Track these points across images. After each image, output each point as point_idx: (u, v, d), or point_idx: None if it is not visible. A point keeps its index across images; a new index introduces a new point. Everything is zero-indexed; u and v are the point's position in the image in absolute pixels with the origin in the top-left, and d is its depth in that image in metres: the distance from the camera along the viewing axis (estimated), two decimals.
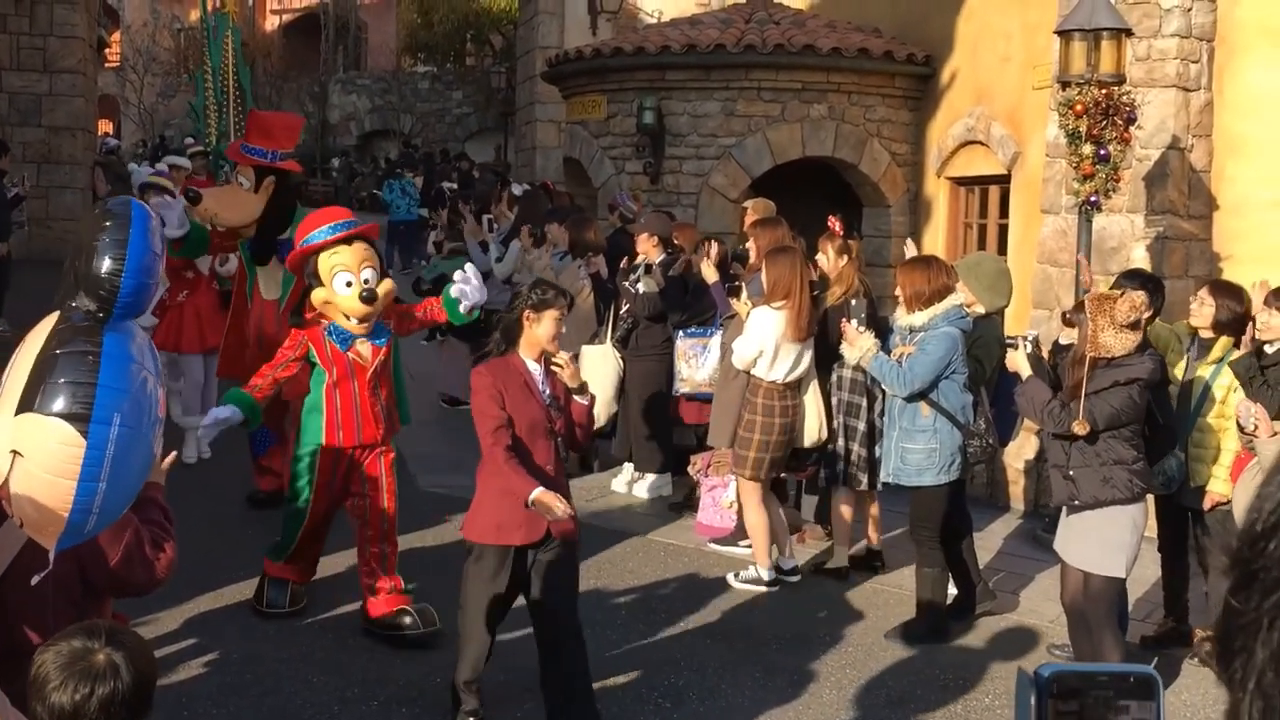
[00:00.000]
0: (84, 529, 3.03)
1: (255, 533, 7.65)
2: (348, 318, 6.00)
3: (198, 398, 9.21)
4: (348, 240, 6.00)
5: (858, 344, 6.63)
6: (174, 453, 3.85)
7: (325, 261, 5.94)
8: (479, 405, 5.14)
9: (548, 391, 5.23)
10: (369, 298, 5.91)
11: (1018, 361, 5.92)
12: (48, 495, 2.95)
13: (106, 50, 29.09)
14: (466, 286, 6.39)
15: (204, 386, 9.33)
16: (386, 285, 6.08)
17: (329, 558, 7.46)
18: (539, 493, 4.92)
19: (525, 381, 5.17)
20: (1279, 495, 0.74)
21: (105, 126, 34.57)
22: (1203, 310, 6.48)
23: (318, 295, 5.96)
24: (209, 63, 13.93)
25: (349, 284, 5.93)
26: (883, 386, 7.24)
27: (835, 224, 7.73)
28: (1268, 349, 6.12)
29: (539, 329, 5.17)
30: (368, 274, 5.96)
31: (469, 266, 6.61)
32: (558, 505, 4.92)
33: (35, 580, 3.16)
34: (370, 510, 6.23)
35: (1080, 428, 5.55)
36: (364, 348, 6.11)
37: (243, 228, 7.82)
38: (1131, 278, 6.21)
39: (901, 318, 6.73)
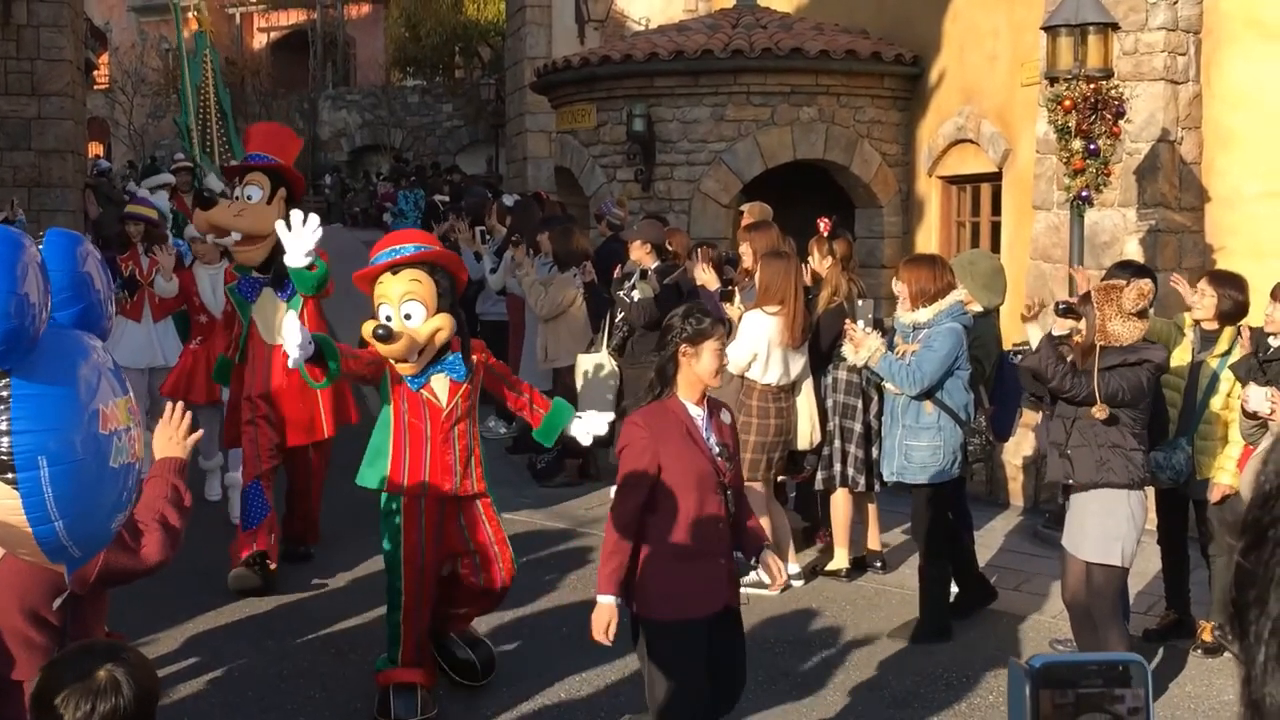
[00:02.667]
0: (74, 556, 3.01)
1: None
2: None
3: (213, 445, 8.66)
4: (395, 269, 5.18)
5: (865, 345, 6.60)
6: (200, 431, 3.79)
7: (375, 291, 5.22)
8: (626, 457, 4.45)
9: (713, 438, 4.51)
10: (382, 336, 5.01)
11: (1029, 331, 5.99)
12: (17, 543, 2.96)
13: (95, 73, 29.10)
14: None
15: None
16: (432, 325, 5.16)
17: (328, 576, 7.46)
18: (604, 603, 4.35)
19: (687, 429, 4.44)
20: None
21: (96, 149, 34.57)
22: (1204, 301, 6.46)
23: (365, 328, 5.15)
24: (190, 82, 13.89)
25: (389, 318, 5.14)
26: (880, 386, 7.25)
27: (823, 225, 7.74)
28: (1271, 341, 6.11)
29: (699, 365, 4.45)
30: (410, 308, 5.12)
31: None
32: (601, 632, 4.34)
33: (57, 603, 3.16)
34: (484, 574, 5.54)
35: (1100, 412, 5.55)
36: (440, 385, 5.31)
37: (257, 244, 6.98)
38: (1124, 268, 6.21)
39: (904, 315, 6.73)
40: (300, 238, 5.63)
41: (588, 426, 5.67)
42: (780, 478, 7.80)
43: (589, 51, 14.67)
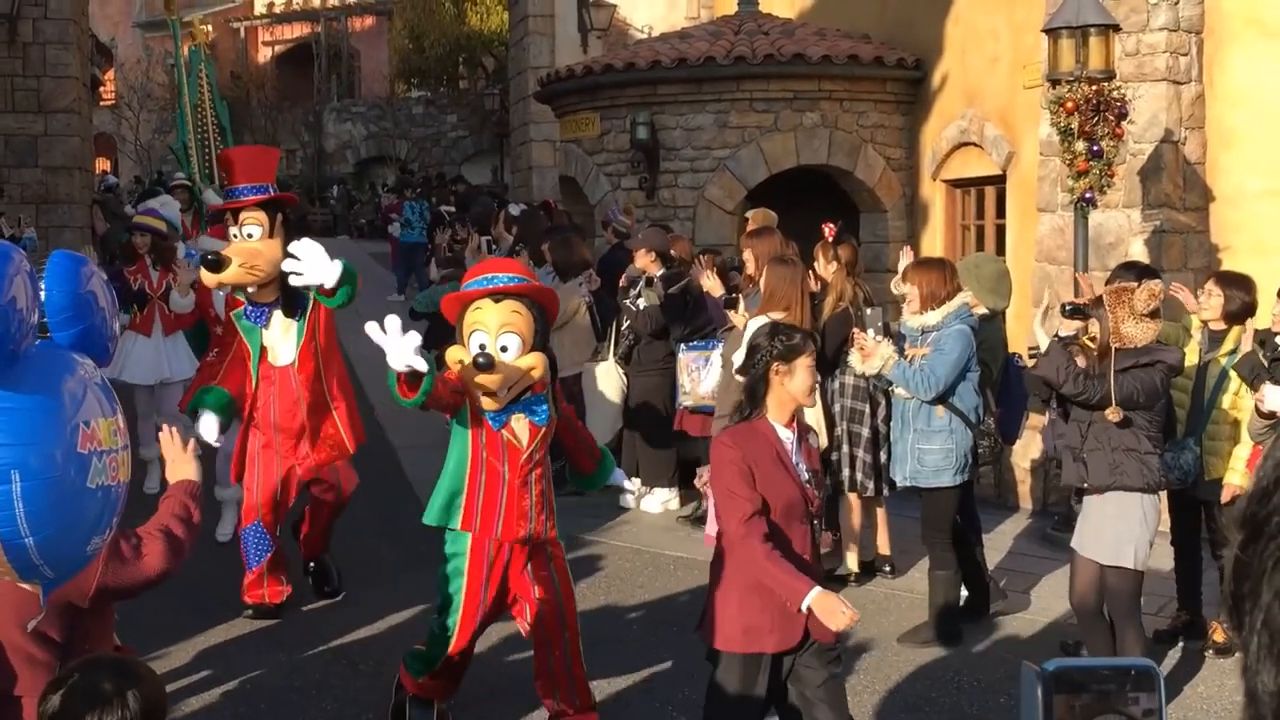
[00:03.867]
0: (47, 577, 3.01)
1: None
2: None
3: (228, 469, 7.75)
4: (497, 297, 4.87)
5: (877, 353, 6.59)
6: (192, 440, 3.82)
7: (468, 316, 4.88)
8: (726, 484, 4.18)
9: (802, 464, 4.29)
10: (484, 365, 4.64)
11: (1036, 334, 5.99)
12: None
13: (101, 89, 29.22)
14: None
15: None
16: (529, 360, 4.87)
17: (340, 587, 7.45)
18: (817, 595, 4.03)
19: (777, 453, 4.22)
20: None
21: (103, 165, 34.66)
22: (1211, 302, 6.45)
23: (452, 354, 4.91)
24: (189, 100, 13.87)
25: (483, 347, 4.81)
26: (888, 391, 7.26)
27: (828, 230, 7.76)
28: (1279, 340, 6.10)
29: (792, 383, 4.23)
30: (507, 340, 4.81)
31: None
32: (841, 612, 4.01)
33: (31, 625, 3.16)
34: (545, 625, 5.24)
35: (1114, 415, 5.55)
36: (520, 426, 5.00)
37: (271, 282, 6.65)
38: (1129, 269, 6.21)
39: (913, 319, 6.72)
40: (321, 269, 5.82)
41: (624, 482, 5.70)
42: None
43: (592, 60, 14.70)
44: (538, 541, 5.15)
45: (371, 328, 4.38)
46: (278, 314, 6.73)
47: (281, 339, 6.76)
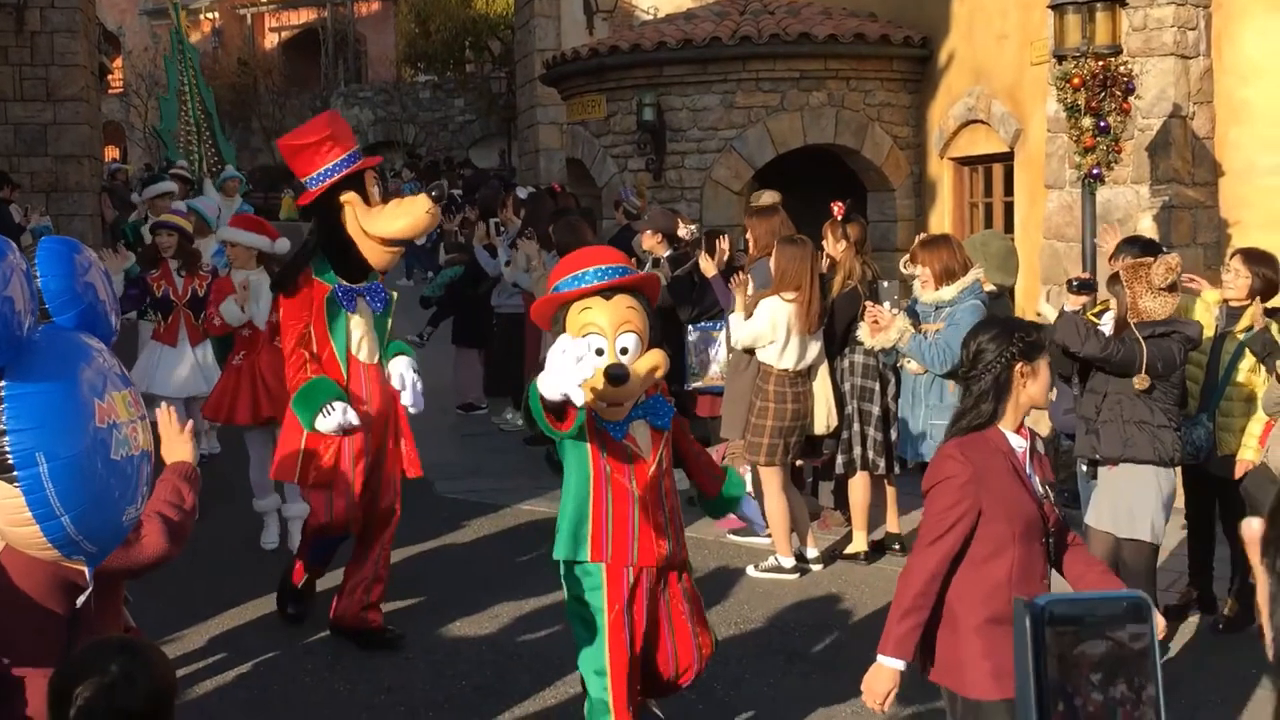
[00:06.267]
0: (90, 552, 3.06)
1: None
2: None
3: (264, 475, 7.43)
4: (605, 293, 4.30)
5: (894, 327, 6.60)
6: (190, 422, 3.83)
7: (575, 318, 4.25)
8: (941, 495, 3.68)
9: (1037, 476, 3.80)
10: (618, 376, 4.03)
11: (1042, 308, 5.98)
12: (27, 542, 3.03)
13: (109, 77, 29.22)
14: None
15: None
16: (650, 359, 4.29)
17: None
18: (886, 663, 3.68)
19: (1012, 465, 3.71)
20: None
21: (112, 153, 34.72)
22: (1238, 281, 6.38)
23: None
24: (178, 84, 13.80)
25: (600, 351, 4.15)
26: (897, 369, 7.27)
27: (836, 209, 7.76)
28: None
29: (1035, 385, 3.76)
30: (626, 340, 4.23)
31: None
32: (878, 698, 3.70)
33: (80, 601, 3.21)
34: (677, 664, 4.67)
35: (1141, 382, 5.55)
36: (641, 433, 4.41)
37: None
38: (1132, 244, 6.20)
39: (926, 295, 6.73)
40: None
41: (755, 516, 5.21)
42: (798, 462, 7.82)
43: (597, 42, 14.69)
44: (674, 564, 4.57)
45: (555, 348, 3.79)
46: (363, 302, 6.06)
47: (366, 332, 6.09)
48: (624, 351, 4.22)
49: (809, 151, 12.78)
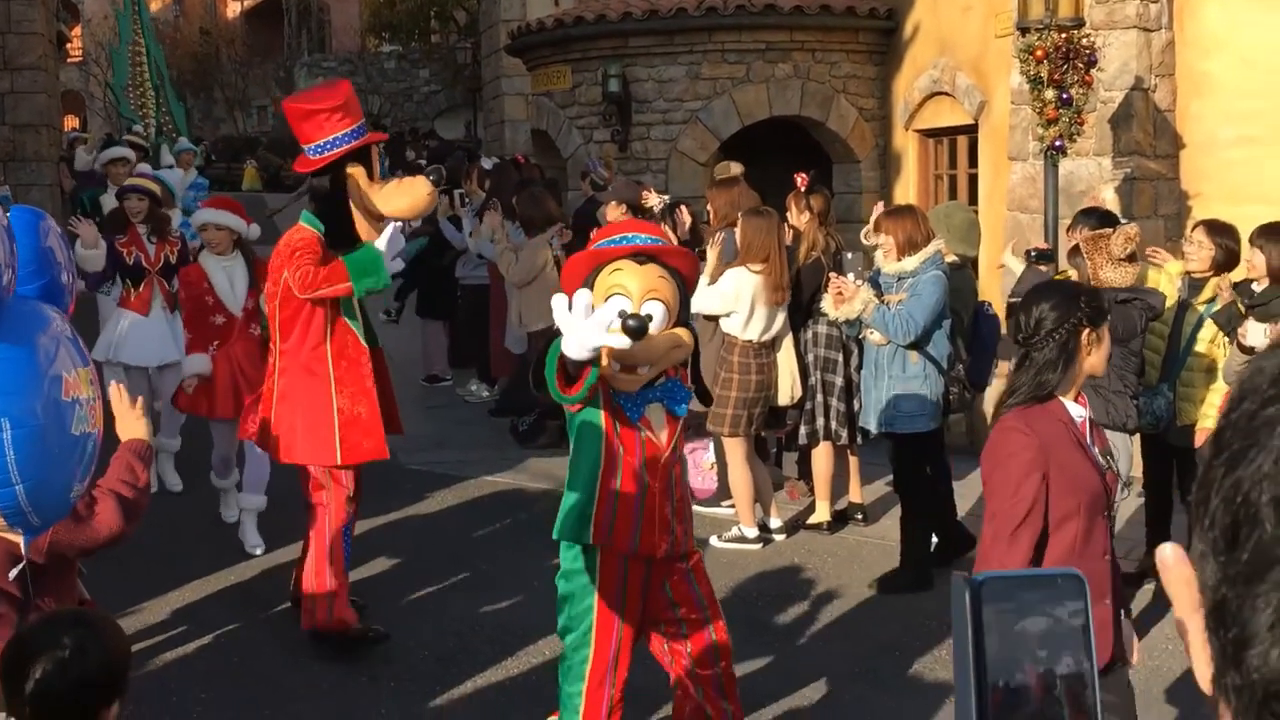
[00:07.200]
0: (33, 524, 3.04)
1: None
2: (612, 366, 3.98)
3: (230, 457, 7.45)
4: (640, 259, 4.15)
5: (858, 298, 6.62)
6: (140, 397, 3.77)
7: (604, 279, 4.13)
8: (1010, 474, 3.47)
9: (1097, 446, 3.65)
10: (636, 327, 3.77)
11: (1007, 260, 6.01)
12: None
13: (68, 45, 28.86)
14: None
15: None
16: (674, 334, 4.14)
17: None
18: None
19: (1075, 438, 3.55)
20: (1254, 369, 0.79)
21: (71, 122, 34.31)
22: (1200, 253, 6.40)
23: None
24: (130, 37, 13.53)
25: (622, 312, 3.90)
26: (860, 340, 7.29)
27: (800, 181, 7.77)
28: (1255, 287, 6.13)
29: (1099, 352, 3.62)
30: (652, 308, 4.05)
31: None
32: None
33: (13, 575, 3.17)
34: (691, 654, 4.43)
35: None
36: (657, 418, 4.23)
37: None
38: (1089, 215, 6.24)
39: (889, 265, 6.76)
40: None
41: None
42: (762, 433, 7.85)
43: (563, 12, 14.59)
44: (677, 555, 4.36)
45: (559, 303, 3.68)
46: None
47: (353, 303, 5.81)
48: (648, 317, 3.99)
49: (775, 123, 12.77)
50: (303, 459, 5.75)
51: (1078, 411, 3.59)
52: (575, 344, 3.62)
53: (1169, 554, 0.88)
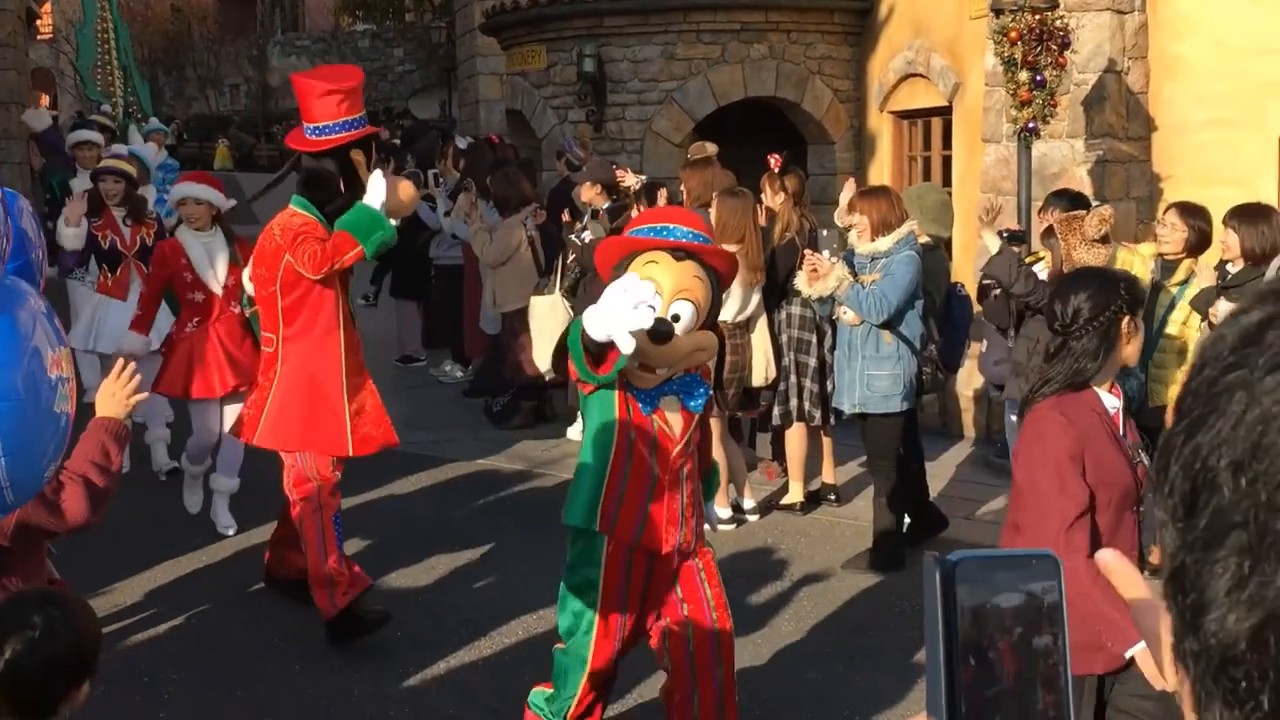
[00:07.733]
0: (7, 501, 3.02)
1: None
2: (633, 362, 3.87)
3: (206, 445, 7.07)
4: (678, 255, 4.01)
5: (832, 275, 6.62)
6: (144, 394, 3.74)
7: (638, 269, 3.96)
8: (1049, 468, 3.38)
9: (1129, 438, 3.59)
10: (662, 335, 3.75)
11: (984, 238, 6.04)
12: None
13: (37, 22, 28.53)
14: None
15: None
16: (700, 337, 4.07)
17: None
18: (1140, 651, 3.18)
19: (1109, 430, 3.48)
20: (1215, 337, 0.79)
21: (41, 100, 33.96)
22: (1173, 235, 6.41)
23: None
24: (96, 14, 13.31)
25: (652, 309, 3.80)
26: (834, 321, 7.30)
27: (774, 161, 7.77)
28: (1229, 268, 6.17)
29: (1137, 340, 3.58)
30: (681, 308, 3.95)
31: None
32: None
33: None
34: (695, 655, 4.30)
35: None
36: (672, 411, 4.12)
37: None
38: (1060, 197, 6.27)
39: (863, 246, 6.76)
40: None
41: (712, 518, 4.83)
42: (736, 414, 7.86)
43: None
44: (685, 550, 4.26)
45: (623, 285, 3.56)
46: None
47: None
48: (675, 318, 3.91)
49: (750, 104, 12.76)
50: (314, 448, 5.60)
51: (1111, 402, 3.52)
52: (598, 324, 3.55)
53: (1109, 557, 0.89)
